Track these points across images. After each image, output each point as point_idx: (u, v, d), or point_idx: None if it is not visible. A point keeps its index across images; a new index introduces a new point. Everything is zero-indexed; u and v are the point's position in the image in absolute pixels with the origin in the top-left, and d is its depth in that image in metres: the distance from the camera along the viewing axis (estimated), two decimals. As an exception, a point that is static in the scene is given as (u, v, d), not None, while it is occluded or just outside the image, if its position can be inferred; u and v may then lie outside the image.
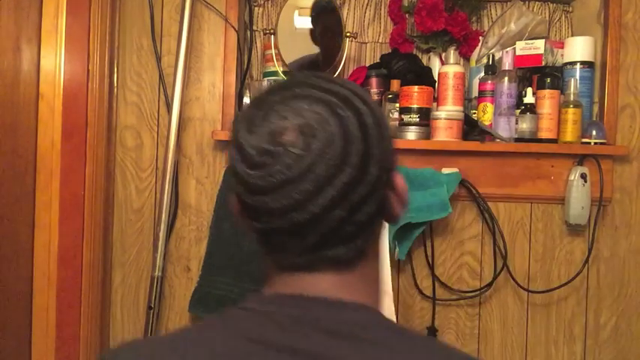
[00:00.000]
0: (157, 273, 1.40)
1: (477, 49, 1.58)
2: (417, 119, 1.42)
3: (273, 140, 0.54)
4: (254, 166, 0.55)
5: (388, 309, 1.40)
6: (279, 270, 0.60)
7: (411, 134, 1.43)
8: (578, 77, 1.47)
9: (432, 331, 1.47)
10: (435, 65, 1.57)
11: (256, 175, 0.55)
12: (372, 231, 0.60)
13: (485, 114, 1.45)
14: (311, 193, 0.53)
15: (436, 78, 1.50)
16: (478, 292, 1.48)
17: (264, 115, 0.56)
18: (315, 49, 1.56)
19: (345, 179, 0.54)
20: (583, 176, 1.43)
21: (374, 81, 1.55)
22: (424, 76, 1.50)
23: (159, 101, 1.49)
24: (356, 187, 0.54)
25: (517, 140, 1.43)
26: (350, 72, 1.62)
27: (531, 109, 1.42)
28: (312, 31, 1.54)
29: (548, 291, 1.48)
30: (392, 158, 0.60)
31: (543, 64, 1.47)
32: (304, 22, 1.55)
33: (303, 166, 0.53)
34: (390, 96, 1.50)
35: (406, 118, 1.43)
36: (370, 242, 0.61)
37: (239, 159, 0.57)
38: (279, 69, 1.51)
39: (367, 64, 1.62)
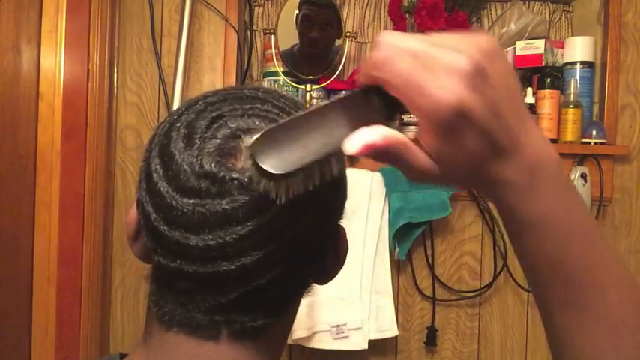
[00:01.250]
0: (156, 273, 1.40)
1: (477, 49, 1.58)
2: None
3: (220, 162, 0.41)
4: (186, 192, 0.41)
5: (387, 308, 1.40)
6: (163, 327, 0.45)
7: (411, 134, 1.43)
8: (578, 77, 1.47)
9: (432, 331, 1.47)
10: (435, 65, 1.57)
11: (186, 204, 0.41)
12: (298, 297, 0.49)
13: (485, 114, 1.45)
14: (250, 241, 0.41)
15: (436, 78, 1.50)
16: (478, 292, 1.48)
17: (211, 125, 0.43)
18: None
19: (295, 233, 0.42)
20: (583, 176, 1.43)
21: (374, 81, 1.55)
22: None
23: (159, 101, 1.49)
24: (304, 245, 0.43)
25: (517, 140, 1.43)
26: (350, 72, 1.62)
27: (531, 109, 1.42)
28: (303, 26, 1.53)
29: (548, 291, 1.47)
30: (343, 210, 0.49)
31: (543, 64, 1.47)
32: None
33: (251, 207, 0.40)
34: (390, 96, 1.50)
35: (406, 117, 1.43)
36: (290, 309, 0.49)
37: (165, 176, 0.42)
38: (279, 69, 1.51)
39: (367, 64, 1.62)
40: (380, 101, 0.36)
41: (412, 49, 0.34)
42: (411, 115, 1.42)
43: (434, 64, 0.33)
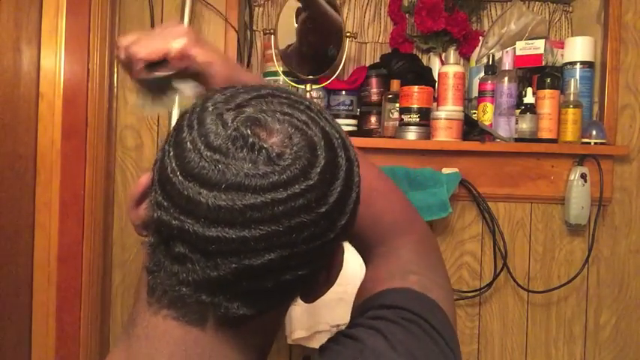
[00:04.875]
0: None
1: (477, 49, 1.58)
2: (417, 119, 1.42)
3: (254, 130, 0.43)
4: (212, 146, 0.42)
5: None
6: (149, 305, 0.46)
7: (411, 134, 1.43)
8: (578, 77, 1.47)
9: (432, 331, 1.46)
10: (435, 65, 1.57)
11: (208, 157, 0.42)
12: (282, 300, 0.48)
13: (485, 114, 1.45)
14: (260, 213, 0.41)
15: (436, 78, 1.50)
16: (478, 292, 1.48)
17: (253, 100, 0.45)
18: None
19: (306, 220, 0.43)
20: (583, 176, 1.43)
21: (374, 81, 1.55)
22: (424, 76, 1.50)
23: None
24: (309, 238, 0.43)
25: (517, 140, 1.43)
26: (350, 72, 1.62)
27: (531, 109, 1.42)
28: (303, 27, 1.53)
29: (548, 291, 1.48)
30: (351, 229, 0.49)
31: (543, 64, 1.47)
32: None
33: (272, 179, 0.41)
34: (390, 96, 1.50)
35: (406, 118, 1.43)
36: (273, 310, 0.48)
37: (195, 127, 0.44)
38: (280, 69, 1.51)
39: (367, 64, 1.62)
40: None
41: (149, 35, 0.62)
42: (410, 116, 1.42)
43: (167, 35, 0.60)
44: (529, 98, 1.42)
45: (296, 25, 1.52)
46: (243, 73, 0.66)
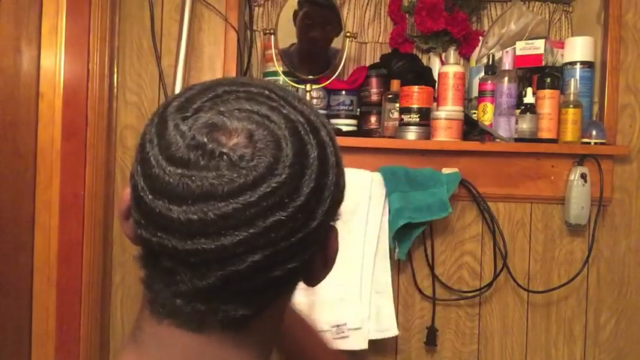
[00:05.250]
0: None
1: (477, 49, 1.58)
2: (417, 119, 1.42)
3: (212, 135, 0.41)
4: (173, 160, 0.41)
5: (387, 308, 1.40)
6: (155, 319, 0.46)
7: (411, 134, 1.43)
8: (578, 77, 1.47)
9: (432, 331, 1.47)
10: (435, 65, 1.57)
11: (172, 173, 0.41)
12: (279, 293, 0.48)
13: (485, 114, 1.45)
14: (234, 219, 0.41)
15: (436, 78, 1.50)
16: (478, 292, 1.48)
17: (209, 102, 0.44)
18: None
19: (282, 217, 0.42)
20: (583, 176, 1.43)
21: (374, 81, 1.55)
22: (424, 76, 1.50)
23: (159, 101, 1.48)
24: (290, 233, 0.42)
25: (517, 140, 1.43)
26: (350, 72, 1.62)
27: (531, 109, 1.42)
28: (300, 24, 1.53)
29: (548, 291, 1.48)
30: (338, 210, 0.48)
31: (543, 64, 1.47)
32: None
33: (238, 183, 0.40)
34: (390, 96, 1.50)
35: (406, 118, 1.43)
36: (273, 305, 0.48)
37: (155, 142, 0.43)
38: (280, 69, 1.51)
39: (367, 64, 1.62)
40: None
41: None
42: (410, 116, 1.42)
43: None
44: (529, 98, 1.42)
45: (296, 26, 1.52)
46: None
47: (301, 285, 0.51)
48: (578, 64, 1.48)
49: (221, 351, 0.46)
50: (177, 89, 1.40)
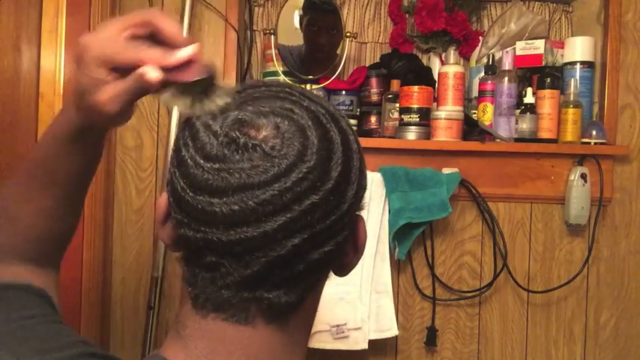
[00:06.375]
0: (157, 273, 1.40)
1: (477, 49, 1.58)
2: (417, 119, 1.42)
3: (242, 130, 0.45)
4: (210, 157, 0.44)
5: (387, 308, 1.40)
6: (199, 315, 0.48)
7: (411, 134, 1.43)
8: (578, 77, 1.47)
9: (432, 331, 1.47)
10: (435, 65, 1.57)
11: (210, 169, 0.44)
12: (317, 280, 0.51)
13: (485, 114, 1.45)
14: (272, 205, 0.43)
15: (436, 78, 1.50)
16: (478, 292, 1.48)
17: (237, 102, 0.47)
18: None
19: (315, 200, 0.44)
20: (583, 176, 1.43)
21: (374, 81, 1.55)
22: (424, 76, 1.50)
23: (159, 101, 1.48)
24: (324, 215, 0.45)
25: (517, 140, 1.43)
26: (350, 72, 1.62)
27: (531, 109, 1.42)
28: (306, 30, 1.53)
29: (548, 291, 1.48)
30: (362, 198, 0.51)
31: (543, 64, 1.47)
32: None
33: (272, 172, 0.43)
34: (390, 96, 1.50)
35: (406, 118, 1.43)
36: (311, 293, 0.51)
37: (190, 144, 0.46)
38: (280, 69, 1.51)
39: (367, 64, 1.62)
40: None
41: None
42: (410, 116, 1.42)
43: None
44: (529, 98, 1.42)
45: (296, 26, 1.52)
46: None
47: None
48: (578, 64, 1.48)
49: (266, 343, 0.48)
50: (177, 89, 1.40)
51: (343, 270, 0.53)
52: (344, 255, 0.51)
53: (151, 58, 0.48)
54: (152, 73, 0.47)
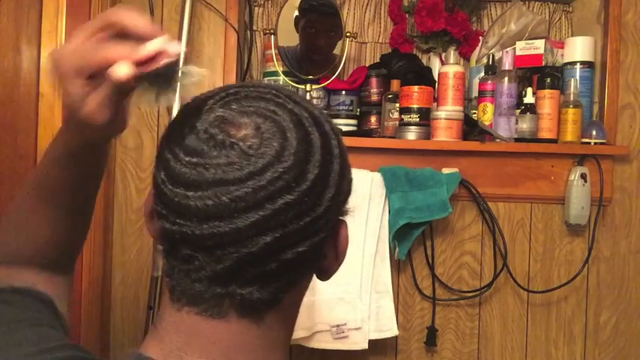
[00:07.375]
0: (157, 273, 1.40)
1: (477, 49, 1.58)
2: (417, 119, 1.42)
3: (223, 128, 0.46)
4: (189, 152, 0.46)
5: (387, 308, 1.40)
6: (172, 303, 0.49)
7: (411, 134, 1.43)
8: (578, 77, 1.47)
9: (432, 331, 1.47)
10: (435, 65, 1.57)
11: (188, 163, 0.45)
12: (293, 280, 0.50)
13: (485, 114, 1.45)
14: (245, 202, 0.44)
15: (436, 78, 1.50)
16: (478, 292, 1.48)
17: (220, 101, 0.48)
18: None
19: (289, 200, 0.45)
20: (583, 176, 1.43)
21: (374, 81, 1.55)
22: (424, 76, 1.50)
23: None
24: (297, 216, 0.46)
25: (517, 140, 1.43)
26: (350, 72, 1.62)
27: (531, 109, 1.42)
28: (303, 32, 1.54)
29: (548, 291, 1.48)
30: (345, 204, 0.52)
31: (543, 64, 1.47)
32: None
33: (248, 169, 0.44)
34: (390, 96, 1.50)
35: (406, 118, 1.43)
36: (288, 293, 0.50)
37: (172, 138, 0.48)
38: (279, 69, 1.51)
39: (367, 64, 1.62)
40: None
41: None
42: (410, 116, 1.42)
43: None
44: (529, 98, 1.42)
45: (299, 33, 1.52)
46: None
47: None
48: (578, 64, 1.48)
49: (240, 337, 0.49)
50: (177, 89, 1.40)
51: (324, 274, 0.54)
52: (322, 258, 0.52)
53: (119, 54, 0.47)
54: (120, 70, 0.47)
